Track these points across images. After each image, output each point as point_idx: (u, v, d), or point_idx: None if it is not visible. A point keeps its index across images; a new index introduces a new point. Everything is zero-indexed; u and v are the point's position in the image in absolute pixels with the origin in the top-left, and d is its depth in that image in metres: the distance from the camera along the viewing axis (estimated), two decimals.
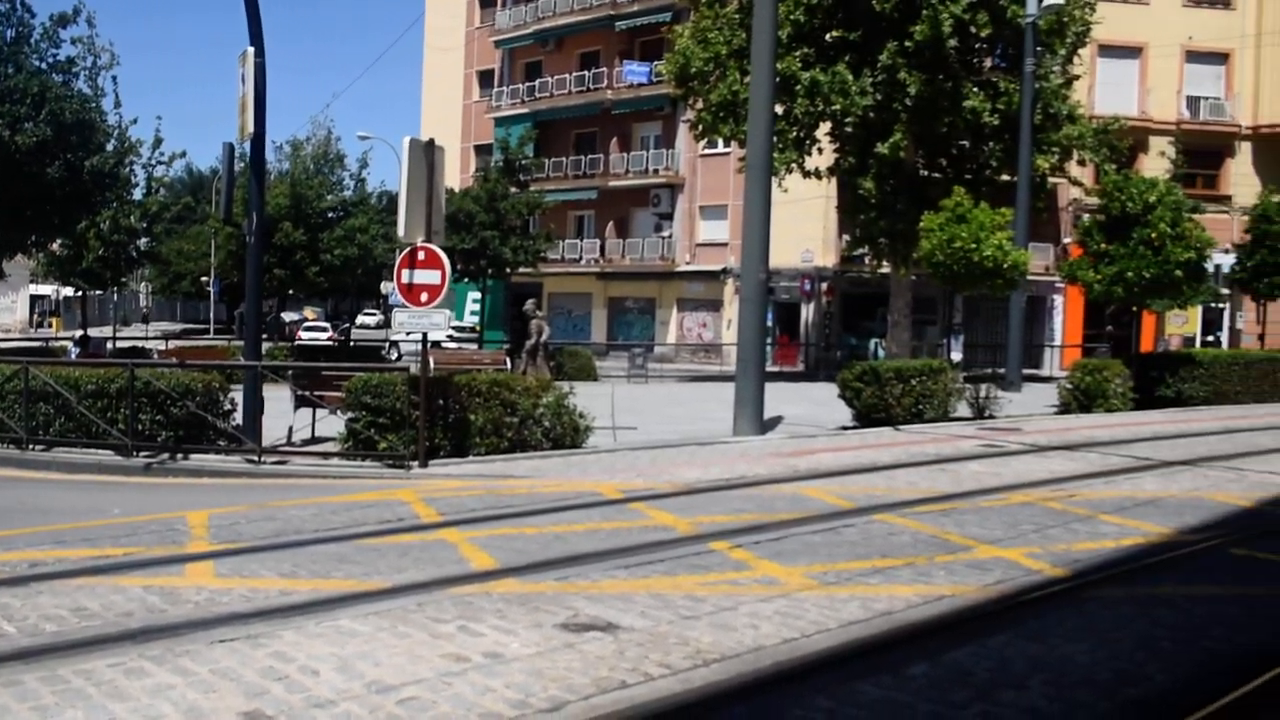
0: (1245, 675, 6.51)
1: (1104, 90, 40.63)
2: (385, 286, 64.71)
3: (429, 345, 15.98)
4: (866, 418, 19.59)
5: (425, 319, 14.82)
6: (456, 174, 52.12)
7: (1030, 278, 28.81)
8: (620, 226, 52.03)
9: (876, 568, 9.15)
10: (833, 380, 22.03)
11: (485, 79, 59.94)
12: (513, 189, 40.52)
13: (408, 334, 16.05)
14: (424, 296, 14.67)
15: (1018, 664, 6.82)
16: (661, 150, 50.54)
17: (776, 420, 19.87)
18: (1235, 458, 15.98)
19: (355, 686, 6.09)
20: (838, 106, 29.53)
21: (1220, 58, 42.03)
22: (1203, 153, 41.22)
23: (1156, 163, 36.54)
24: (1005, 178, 30.90)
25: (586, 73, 53.05)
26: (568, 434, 16.15)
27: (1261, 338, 36.69)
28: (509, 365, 28.48)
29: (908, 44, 28.97)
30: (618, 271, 51.08)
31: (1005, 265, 21.25)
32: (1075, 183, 35.77)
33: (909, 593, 8.39)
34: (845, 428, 19.47)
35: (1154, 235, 23.25)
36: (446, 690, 6.07)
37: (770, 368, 31.38)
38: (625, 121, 52.12)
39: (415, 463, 14.37)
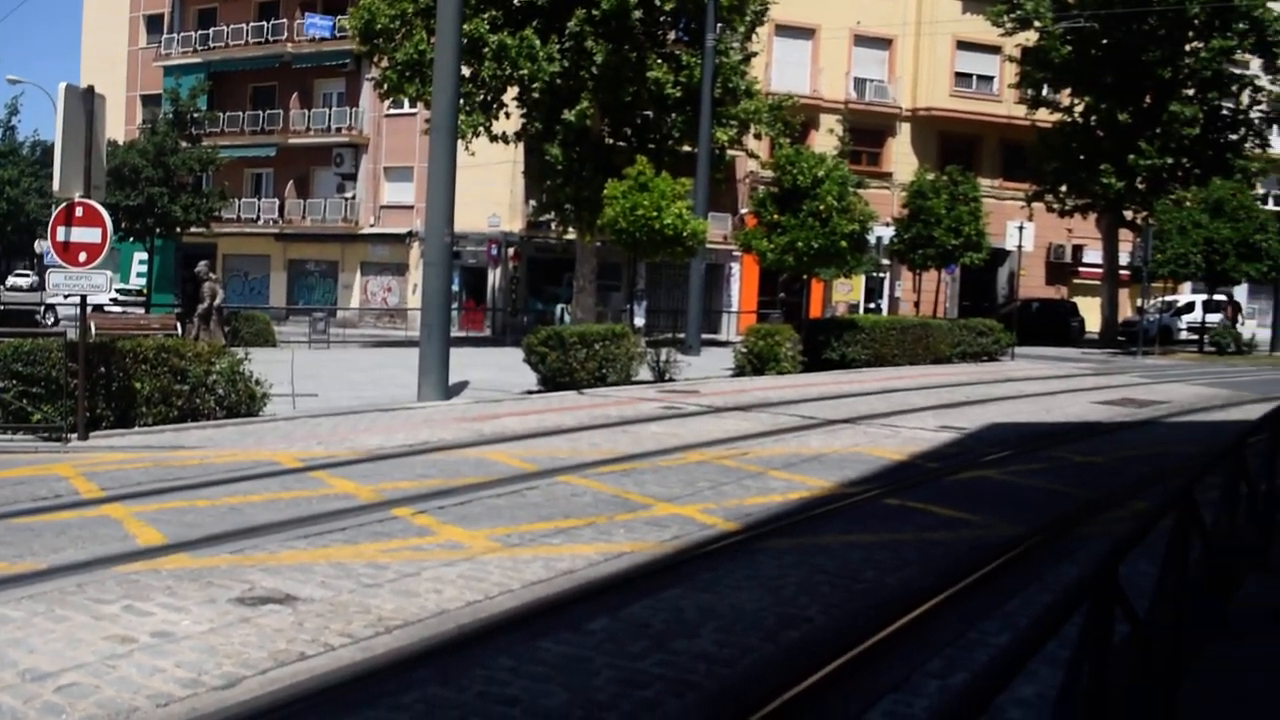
0: (894, 611, 7.04)
1: (780, 68, 42.60)
2: (40, 245, 59.77)
3: (89, 309, 14.88)
4: (552, 382, 19.82)
5: (84, 280, 13.76)
6: (121, 125, 48.66)
7: (709, 246, 29.92)
8: (301, 186, 50.18)
9: (560, 528, 9.28)
10: (519, 345, 22.15)
11: (154, 24, 56.15)
12: (183, 143, 38.35)
13: (65, 297, 14.90)
14: (83, 256, 13.60)
15: (691, 614, 7.09)
16: (345, 108, 49.05)
17: (462, 385, 19.79)
18: (892, 415, 17.21)
19: (7, 676, 5.63)
20: (525, 72, 29.57)
21: (884, 43, 44.94)
22: (868, 131, 44.01)
23: (826, 139, 38.68)
24: (686, 149, 31.86)
25: (265, 23, 50.65)
26: (243, 402, 15.49)
27: (916, 304, 39.72)
28: (180, 330, 27.00)
29: (595, 12, 29.34)
30: (298, 233, 49.29)
31: (685, 233, 22.00)
32: (752, 155, 37.38)
33: (590, 551, 8.57)
34: (531, 392, 19.63)
35: (822, 208, 24.64)
36: (111, 674, 5.71)
37: (456, 333, 31.23)
38: (307, 77, 50.21)
39: (74, 435, 13.37)
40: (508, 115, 32.66)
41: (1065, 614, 3.31)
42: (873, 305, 44.03)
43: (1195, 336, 39.38)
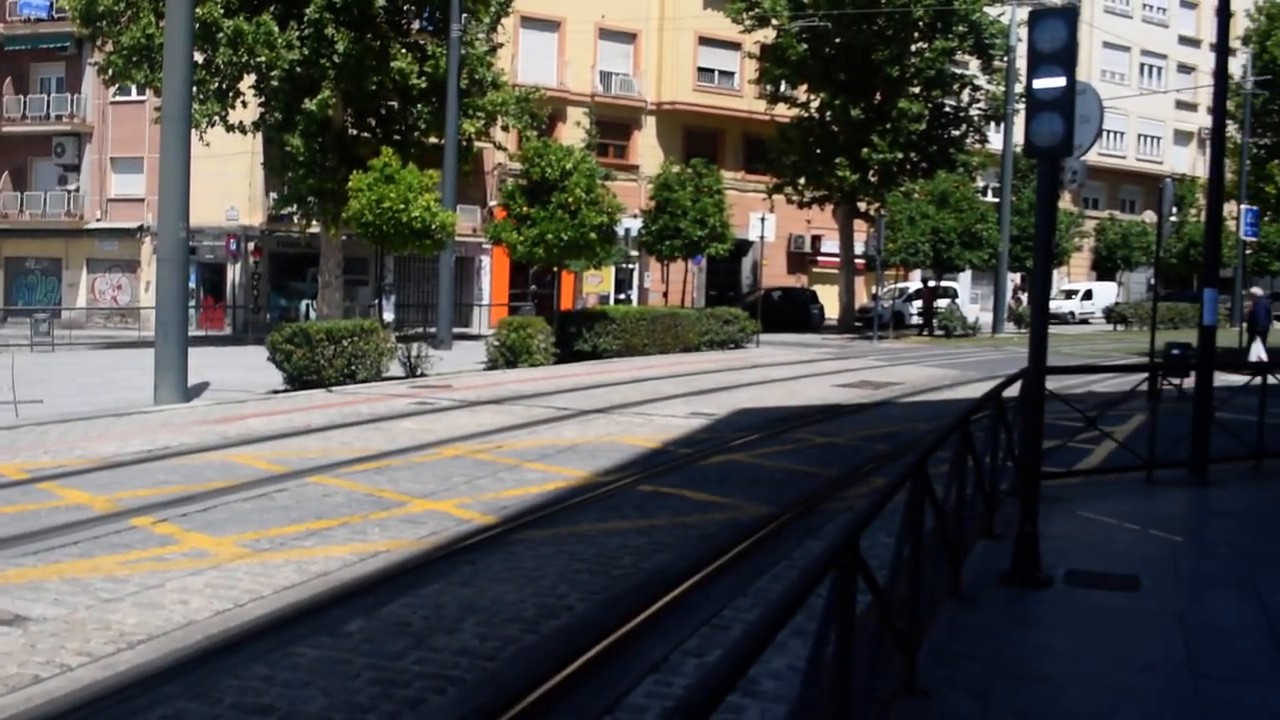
0: (652, 595, 7.17)
1: (526, 60, 42.54)
2: None
3: None
4: (299, 381, 19.22)
5: None
6: None
7: (458, 239, 29.66)
8: (17, 178, 46.74)
9: (312, 530, 9.02)
10: (262, 343, 21.37)
11: None
12: None
13: None
14: None
15: (451, 609, 7.03)
16: (65, 95, 45.92)
17: (203, 386, 18.94)
18: (644, 404, 17.52)
19: None
20: (263, 59, 28.47)
21: (629, 37, 45.55)
22: (614, 125, 44.49)
23: (574, 132, 38.89)
24: (434, 140, 31.45)
25: None
26: None
27: (665, 295, 40.50)
28: None
29: (335, 0, 28.57)
30: (15, 228, 45.88)
31: (433, 226, 21.72)
32: (500, 148, 37.27)
33: (345, 552, 8.37)
34: (277, 391, 18.98)
35: (571, 200, 24.80)
36: None
37: (195, 331, 29.88)
38: (21, 60, 46.74)
39: None
40: (245, 104, 31.37)
41: (811, 586, 3.44)
42: (623, 296, 44.63)
43: (925, 321, 41.73)
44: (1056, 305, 52.09)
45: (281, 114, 30.69)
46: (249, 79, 30.66)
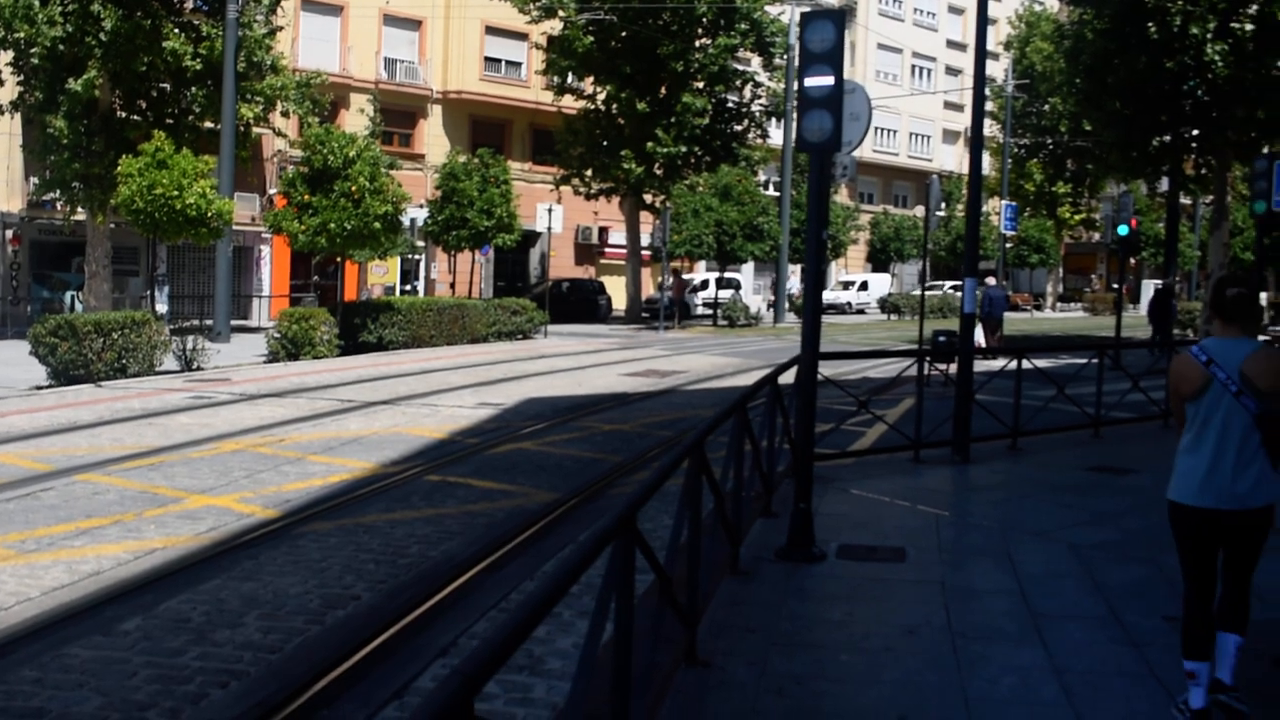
0: (439, 582, 7.19)
1: (308, 44, 41.38)
2: None
3: None
4: (65, 375, 18.28)
5: None
6: None
7: (236, 227, 28.69)
8: None
9: (82, 529, 8.66)
10: (23, 337, 20.21)
11: None
12: None
13: None
14: None
15: (234, 604, 6.89)
16: None
17: None
18: (430, 395, 17.39)
19: None
20: (22, 35, 26.80)
21: (414, 24, 44.82)
22: (400, 113, 43.78)
23: (357, 119, 38.08)
24: (209, 125, 30.28)
25: None
26: None
27: (452, 285, 40.14)
28: None
29: None
30: None
31: (209, 214, 21.02)
32: (280, 134, 36.15)
33: (119, 550, 8.08)
34: (40, 387, 17.99)
35: (354, 189, 24.36)
36: None
37: None
38: None
39: None
40: (2, 83, 29.51)
41: (588, 560, 3.56)
42: (409, 287, 44.02)
43: (710, 311, 42.65)
44: (834, 296, 54.13)
45: (43, 94, 28.92)
46: (6, 56, 28.84)
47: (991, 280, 27.61)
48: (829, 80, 7.80)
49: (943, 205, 57.50)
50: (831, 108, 7.79)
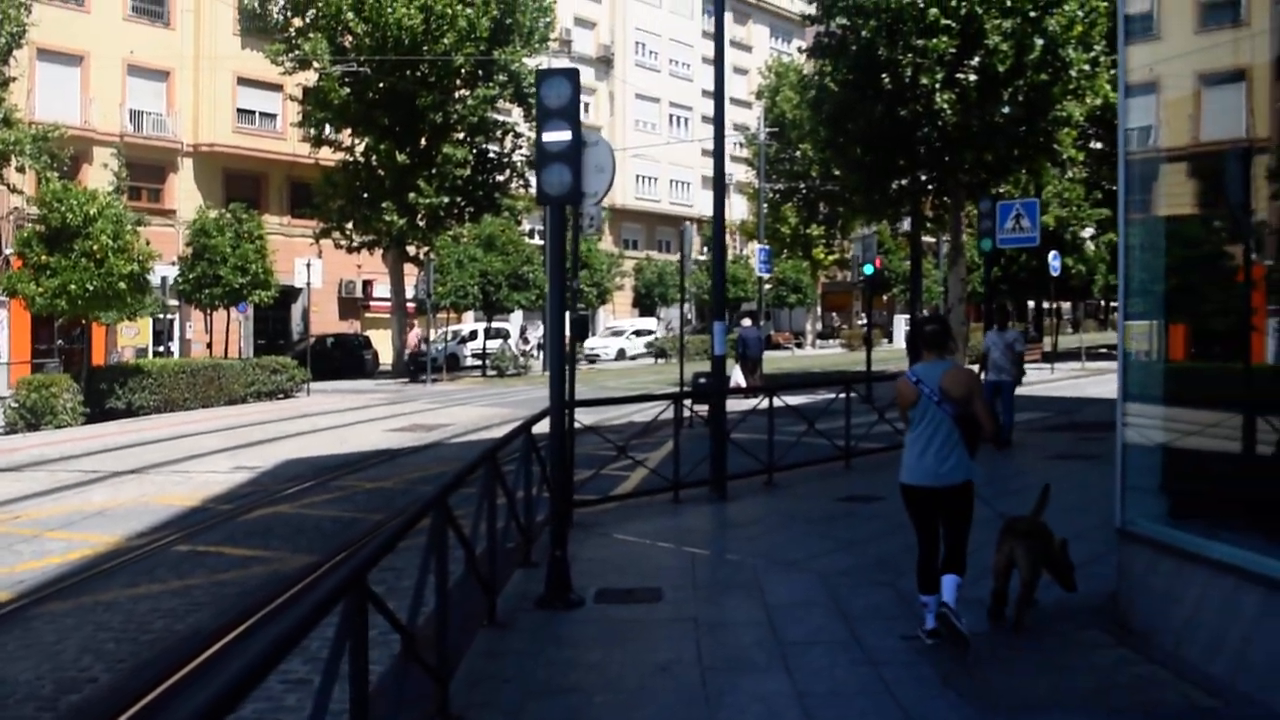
0: (185, 657, 6.91)
1: (45, 96, 39.25)
2: None
3: None
4: None
5: None
6: None
7: None
8: None
9: None
10: None
11: None
12: None
13: None
14: None
15: None
16: None
17: None
18: (183, 461, 16.70)
19: None
20: None
21: (162, 74, 43.13)
22: (148, 167, 41.97)
23: (101, 174, 36.29)
24: None
25: None
26: None
27: (209, 345, 38.67)
28: None
29: None
30: None
31: None
32: (15, 191, 34.17)
33: None
34: None
35: (96, 248, 23.24)
36: None
37: None
38: None
39: None
40: None
41: (312, 621, 3.52)
42: (163, 349, 42.17)
43: (479, 362, 42.48)
44: (604, 342, 54.80)
45: None
46: None
47: (747, 321, 28.55)
48: (567, 135, 8.00)
49: (705, 250, 59.16)
50: (570, 161, 7.97)
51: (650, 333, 56.59)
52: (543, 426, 9.51)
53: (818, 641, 7.05)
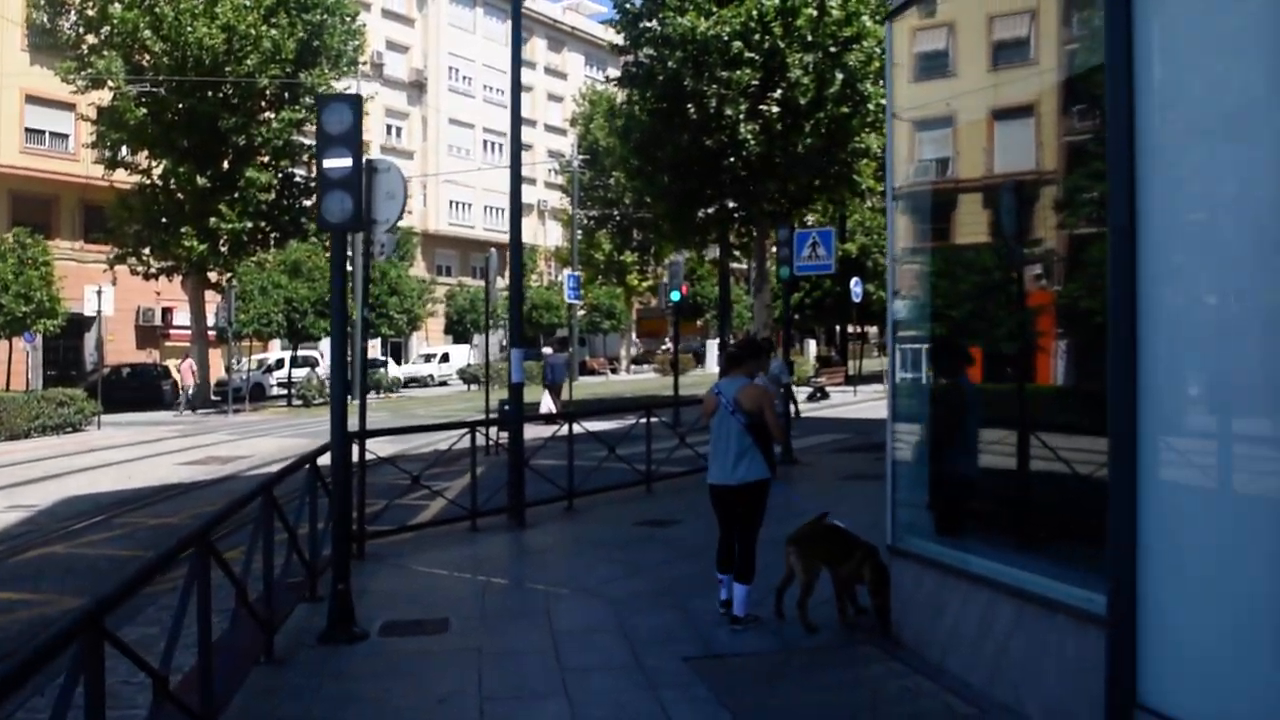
0: None
1: None
2: None
3: None
4: None
5: None
6: None
7: None
8: None
9: None
10: None
11: None
12: None
13: None
14: None
15: None
16: None
17: None
18: None
19: None
20: None
21: None
22: None
23: None
24: None
25: None
26: None
27: None
28: None
29: None
30: None
31: None
32: None
33: None
34: None
35: None
36: None
37: None
38: None
39: None
40: None
41: (37, 663, 3.37)
42: None
43: (286, 391, 41.36)
44: (414, 369, 54.12)
45: None
46: None
47: (549, 350, 28.73)
48: (348, 161, 7.89)
49: None
50: (351, 188, 7.86)
51: (443, 359, 56.25)
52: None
53: (601, 667, 7.09)
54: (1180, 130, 5.10)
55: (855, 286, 36.89)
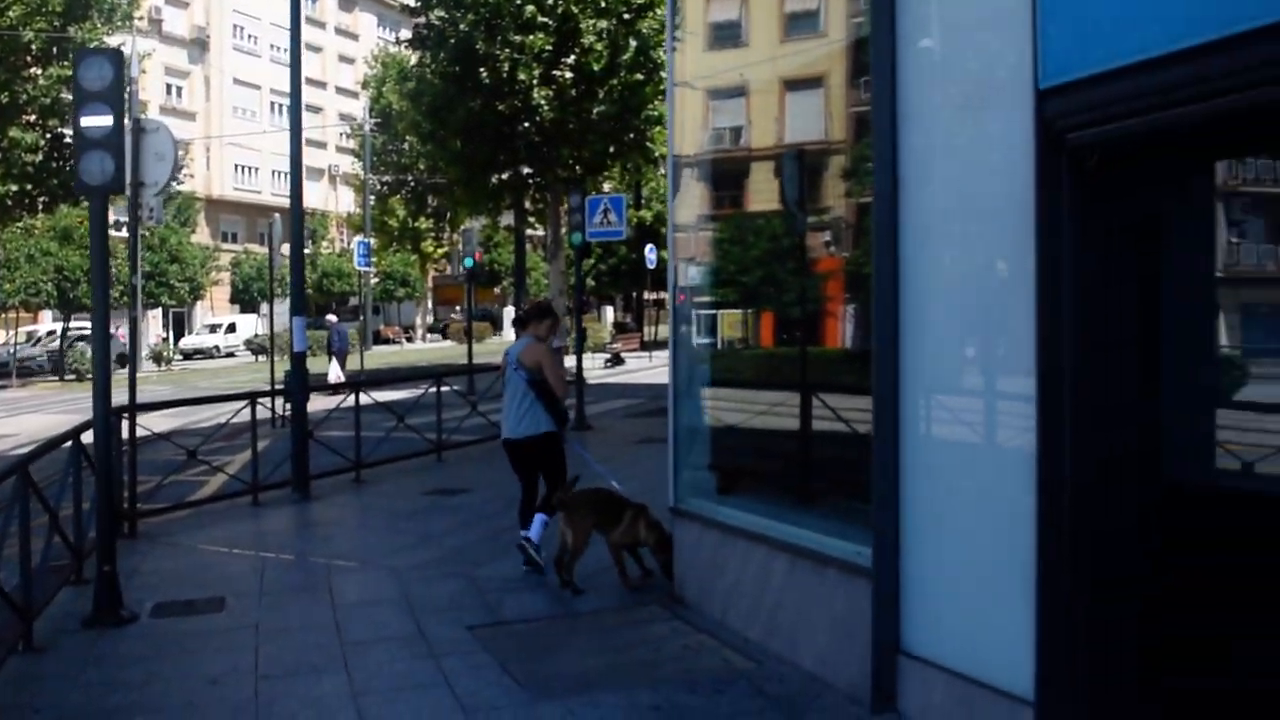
0: None
1: None
2: None
3: None
4: None
5: None
6: None
7: None
8: None
9: None
10: None
11: None
12: None
13: None
14: None
15: None
16: None
17: None
18: None
19: None
20: None
21: None
22: None
23: None
24: None
25: None
26: None
27: None
28: None
29: None
30: None
31: None
32: None
33: None
34: None
35: None
36: None
37: None
38: None
39: None
40: None
41: None
42: None
43: (57, 365, 39.10)
44: (199, 340, 52.11)
45: None
46: None
47: (333, 317, 28.20)
48: (108, 120, 7.45)
49: (310, 243, 57.53)
50: (112, 149, 7.44)
51: (229, 330, 54.35)
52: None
53: (383, 639, 6.98)
54: (940, 99, 5.29)
55: (650, 253, 37.30)
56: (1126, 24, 4.20)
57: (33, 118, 36.49)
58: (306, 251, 51.78)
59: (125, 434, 10.33)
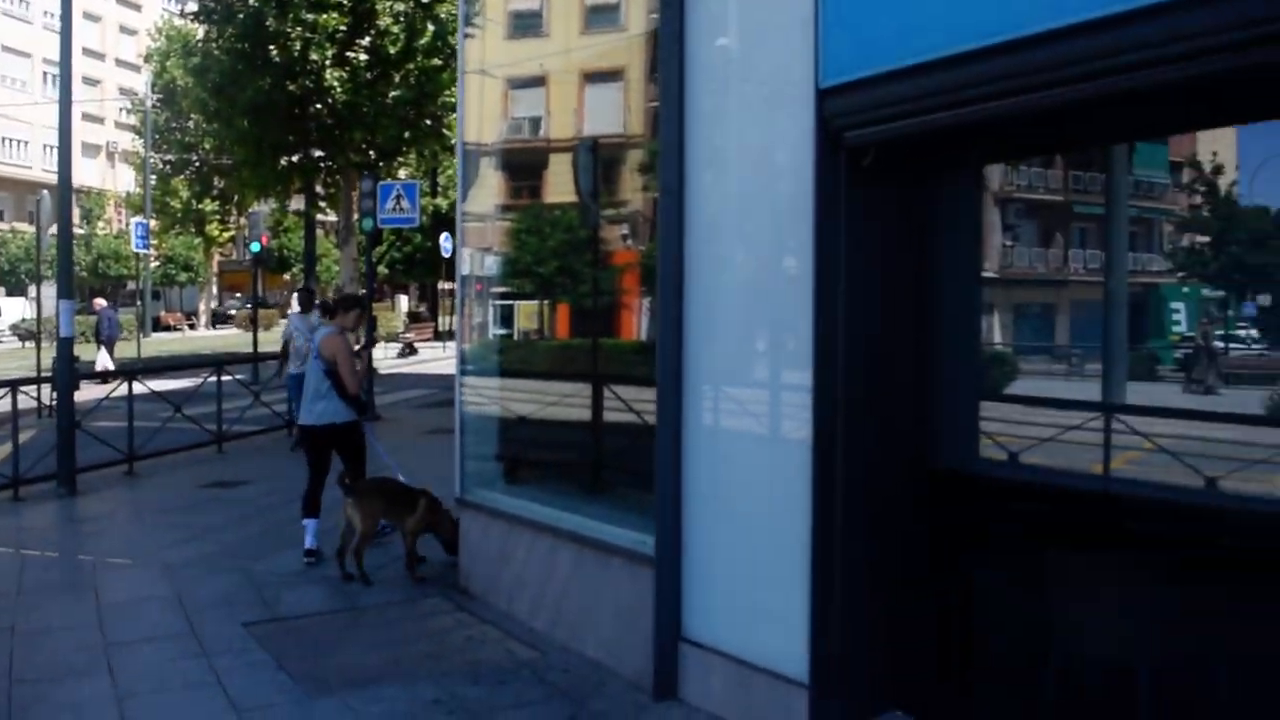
0: None
1: None
2: None
3: None
4: None
5: None
6: None
7: None
8: None
9: None
10: None
11: None
12: None
13: None
14: None
15: None
16: None
17: None
18: None
19: None
20: None
21: None
22: None
23: None
24: None
25: None
26: None
27: None
28: None
29: None
30: None
31: None
32: None
33: None
34: None
35: None
36: None
37: None
38: None
39: None
40: None
41: None
42: None
43: None
44: None
45: None
46: None
47: (102, 301, 26.91)
48: None
49: (83, 223, 54.59)
50: None
51: (7, 315, 51.11)
52: None
53: (152, 638, 6.67)
54: (731, 98, 5.36)
55: (445, 242, 36.72)
56: (902, 28, 4.36)
57: None
58: (81, 232, 49.41)
59: None
